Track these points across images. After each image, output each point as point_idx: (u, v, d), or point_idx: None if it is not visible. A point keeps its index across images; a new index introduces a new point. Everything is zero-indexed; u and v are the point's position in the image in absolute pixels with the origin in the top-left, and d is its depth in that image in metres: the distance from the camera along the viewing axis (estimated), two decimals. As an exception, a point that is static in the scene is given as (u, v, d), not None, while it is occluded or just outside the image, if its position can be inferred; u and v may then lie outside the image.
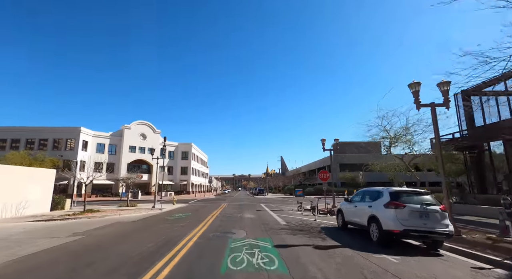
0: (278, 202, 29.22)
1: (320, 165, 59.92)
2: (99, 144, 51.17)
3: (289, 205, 23.76)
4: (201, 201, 30.21)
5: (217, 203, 25.45)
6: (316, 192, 45.95)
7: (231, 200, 32.26)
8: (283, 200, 31.63)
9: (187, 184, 63.98)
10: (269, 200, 31.37)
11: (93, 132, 50.04)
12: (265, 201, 30.41)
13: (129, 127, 55.21)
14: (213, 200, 33.67)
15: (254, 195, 51.53)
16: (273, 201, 30.64)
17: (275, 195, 51.98)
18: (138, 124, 56.92)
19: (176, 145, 65.03)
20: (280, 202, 28.79)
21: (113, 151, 53.26)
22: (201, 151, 79.70)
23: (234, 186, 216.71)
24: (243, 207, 20.81)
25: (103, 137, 51.75)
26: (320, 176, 18.95)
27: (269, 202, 28.49)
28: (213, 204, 24.92)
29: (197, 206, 22.49)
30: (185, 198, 42.17)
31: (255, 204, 24.35)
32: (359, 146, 54.54)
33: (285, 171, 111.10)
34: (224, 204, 24.66)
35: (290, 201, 28.51)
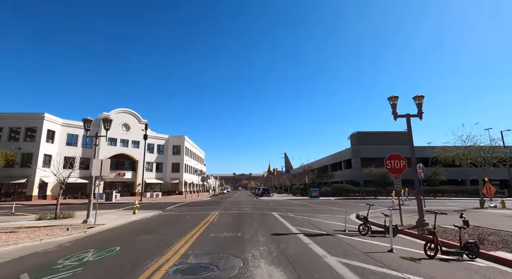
0: (295, 207, 20.03)
1: (334, 160, 51.15)
2: (71, 135, 42.55)
3: (319, 213, 15.10)
4: (185, 206, 21.60)
5: (205, 211, 16.39)
6: (334, 192, 37.24)
7: (228, 204, 23.40)
8: (301, 204, 22.32)
9: (179, 183, 55.34)
10: (280, 204, 22.14)
11: (62, 120, 41.40)
12: (276, 206, 20.67)
13: (109, 116, 46.39)
14: (204, 203, 24.97)
15: (257, 196, 42.78)
16: (288, 206, 21.03)
17: (282, 196, 43.26)
18: (119, 113, 48.25)
19: (167, 138, 56.35)
20: (299, 209, 18.65)
21: (89, 144, 44.55)
22: (197, 146, 70.99)
23: (234, 185, 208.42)
24: (244, 221, 11.74)
25: (76, 126, 43.07)
26: (391, 165, 10.42)
27: (282, 208, 18.69)
28: (199, 213, 15.63)
29: (169, 218, 13.29)
30: (170, 200, 33.51)
31: (264, 214, 15.00)
32: (384, 137, 45.86)
33: (290, 169, 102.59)
34: (215, 212, 15.62)
35: (313, 207, 19.78)
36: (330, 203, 24.23)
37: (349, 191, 37.20)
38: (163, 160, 55.20)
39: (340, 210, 17.02)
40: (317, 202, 25.32)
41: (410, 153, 11.36)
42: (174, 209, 17.96)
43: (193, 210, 17.00)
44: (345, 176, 44.74)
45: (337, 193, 37.19)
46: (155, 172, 53.70)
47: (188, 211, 16.36)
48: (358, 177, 40.92)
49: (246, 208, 17.96)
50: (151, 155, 53.27)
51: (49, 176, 39.40)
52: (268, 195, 40.69)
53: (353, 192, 37.28)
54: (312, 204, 22.99)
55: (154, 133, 54.64)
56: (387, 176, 33.27)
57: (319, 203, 24.50)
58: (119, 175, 46.93)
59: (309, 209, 17.29)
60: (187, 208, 19.26)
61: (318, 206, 20.25)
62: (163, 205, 22.57)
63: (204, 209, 18.05)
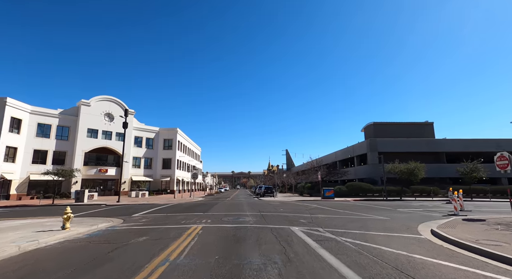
0: (318, 214, 13.50)
1: (344, 156, 45.46)
2: (42, 125, 36.59)
3: (366, 227, 9.40)
4: (162, 212, 15.70)
5: (181, 224, 10.19)
6: (350, 192, 31.60)
7: (222, 208, 16.94)
8: (322, 209, 16.09)
9: (170, 181, 49.61)
10: (295, 210, 15.64)
11: (31, 108, 35.43)
12: (290, 213, 13.87)
13: (88, 104, 40.60)
14: (191, 207, 18.86)
15: (258, 196, 37.07)
16: (306, 212, 14.37)
17: (288, 196, 37.61)
18: (101, 101, 42.30)
19: (157, 131, 50.52)
20: (327, 218, 11.90)
21: (64, 136, 38.70)
22: (191, 141, 65.16)
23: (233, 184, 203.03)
24: (249, 263, 5.12)
25: (48, 115, 37.16)
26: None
27: (303, 218, 12.01)
28: (169, 229, 9.21)
29: (76, 256, 5.89)
30: (155, 201, 27.78)
31: (282, 233, 8.39)
32: (404, 129, 40.21)
33: (291, 166, 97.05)
34: (196, 227, 9.41)
35: (342, 214, 14.05)
36: (355, 206, 18.57)
37: (367, 190, 31.61)
38: (153, 155, 49.42)
39: (385, 219, 11.41)
40: (337, 205, 19.65)
41: None
42: (138, 219, 12.04)
43: (164, 222, 10.89)
44: (359, 173, 39.16)
45: (352, 192, 31.58)
46: (144, 169, 47.92)
47: (153, 225, 10.15)
48: (375, 174, 35.36)
49: (247, 218, 12.13)
50: (139, 149, 47.48)
51: (14, 172, 33.63)
52: (272, 194, 35.00)
53: (372, 191, 31.68)
54: (333, 208, 17.28)
55: (142, 125, 48.81)
56: (414, 173, 27.68)
57: (341, 206, 18.85)
58: (100, 172, 41.07)
59: (342, 219, 11.53)
60: (161, 216, 13.31)
61: (346, 212, 14.56)
62: (134, 210, 16.77)
63: (184, 218, 12.06)
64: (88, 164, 40.61)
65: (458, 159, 38.40)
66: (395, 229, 9.01)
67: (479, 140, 36.59)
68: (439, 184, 32.90)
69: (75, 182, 37.93)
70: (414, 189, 31.23)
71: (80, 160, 38.81)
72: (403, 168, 27.83)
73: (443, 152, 36.03)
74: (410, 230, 8.93)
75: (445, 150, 36.07)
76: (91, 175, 40.58)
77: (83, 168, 39.41)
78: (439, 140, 36.66)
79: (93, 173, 40.66)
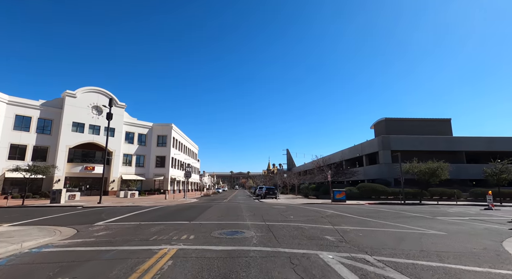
0: (345, 225, 9.69)
1: (351, 155, 42.11)
2: (21, 118, 33.19)
3: (433, 257, 6.10)
4: (144, 216, 12.37)
5: (146, 244, 6.39)
6: (361, 194, 28.27)
7: (215, 214, 13.50)
8: (342, 217, 12.46)
9: (164, 180, 46.20)
10: (311, 219, 11.75)
11: (8, 98, 32.08)
12: (308, 224, 9.93)
13: (74, 95, 37.19)
14: (178, 211, 15.04)
15: (259, 198, 33.73)
16: (328, 222, 10.45)
17: (292, 198, 34.27)
18: (89, 92, 38.89)
19: (150, 127, 47.12)
20: (360, 234, 7.97)
21: (47, 129, 35.29)
22: (188, 138, 61.76)
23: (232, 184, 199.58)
24: None
25: (29, 106, 33.76)
26: None
27: (331, 232, 8.22)
28: (121, 260, 4.97)
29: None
30: (141, 202, 24.39)
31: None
32: (418, 125, 36.92)
33: (292, 166, 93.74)
34: (164, 255, 5.33)
35: (374, 226, 10.60)
36: (378, 213, 15.17)
37: (380, 192, 28.30)
38: (146, 153, 46.02)
39: (441, 235, 8.10)
40: (356, 211, 16.24)
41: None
42: (96, 231, 8.22)
43: (126, 239, 6.80)
44: (369, 173, 35.84)
45: (364, 195, 28.26)
46: (135, 167, 44.51)
47: (106, 244, 5.79)
48: (388, 175, 32.03)
49: (249, 231, 8.28)
50: (130, 146, 44.09)
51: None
52: (274, 196, 31.60)
53: (386, 194, 28.36)
54: (355, 214, 13.84)
55: (134, 120, 45.43)
56: (436, 173, 24.36)
57: (361, 212, 15.46)
58: (87, 169, 37.66)
59: (384, 235, 7.85)
60: (131, 226, 9.36)
61: (376, 222, 11.11)
62: (106, 215, 13.34)
63: (158, 231, 8.07)
64: (73, 161, 37.20)
65: (479, 159, 35.20)
66: (481, 255, 5.70)
67: (503, 139, 33.27)
68: (459, 187, 29.63)
69: (57, 181, 34.53)
70: (433, 192, 27.93)
71: (63, 157, 35.40)
72: (424, 168, 24.50)
73: (462, 151, 32.73)
74: (502, 255, 5.64)
75: (465, 149, 32.78)
76: (76, 173, 37.19)
77: (67, 165, 36.02)
78: (458, 137, 33.40)
79: (79, 170, 37.27)
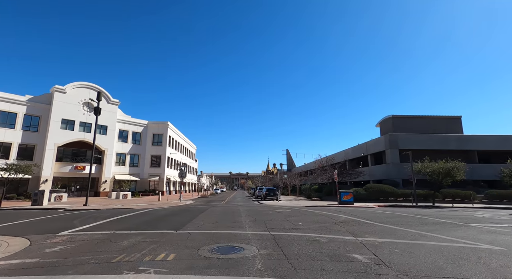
0: (387, 238, 7.02)
1: (355, 155, 40.26)
2: (6, 114, 31.27)
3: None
4: (124, 223, 10.33)
5: (99, 275, 4.04)
6: (369, 195, 26.42)
7: (208, 220, 11.03)
8: (360, 224, 9.71)
9: (160, 181, 44.21)
10: (325, 227, 9.06)
11: (-10, 92, 30.05)
12: (325, 236, 7.44)
13: (64, 90, 35.21)
14: (165, 217, 12.58)
15: (259, 200, 31.83)
16: (349, 234, 7.60)
17: (294, 200, 32.38)
18: (79, 87, 36.92)
19: (145, 125, 45.16)
20: (434, 260, 4.95)
21: (34, 126, 33.30)
22: (185, 137, 59.79)
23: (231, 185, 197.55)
24: None
25: (14, 102, 31.77)
26: None
27: (382, 261, 4.91)
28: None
29: None
30: (130, 204, 22.45)
31: None
32: (427, 123, 35.14)
33: (292, 167, 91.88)
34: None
35: (435, 239, 8.51)
36: (397, 218, 13.14)
37: (389, 194, 26.46)
38: (140, 152, 44.05)
39: (499, 251, 6.16)
40: (371, 215, 14.21)
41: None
42: (51, 246, 5.68)
43: (83, 260, 4.17)
44: (375, 173, 34.00)
45: (372, 196, 26.41)
46: (129, 167, 42.53)
47: (47, 272, 4.12)
48: (395, 175, 30.18)
49: (249, 247, 5.53)
50: (124, 144, 42.10)
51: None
52: (275, 197, 29.66)
53: (395, 195, 26.52)
54: (373, 220, 11.72)
55: (128, 117, 43.46)
56: (451, 174, 22.51)
57: (378, 217, 13.47)
58: (77, 169, 35.64)
59: (427, 252, 5.75)
60: (101, 237, 6.58)
61: (403, 230, 8.93)
62: (81, 221, 11.25)
63: (131, 246, 5.27)
64: (63, 160, 35.21)
65: (489, 158, 33.48)
66: None
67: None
68: (472, 188, 27.82)
69: (45, 181, 32.51)
70: (446, 193, 26.11)
71: (52, 155, 33.39)
72: (438, 168, 22.64)
73: (474, 150, 30.95)
74: None
75: (476, 148, 31.00)
76: (66, 172, 35.17)
77: (56, 164, 34.01)
78: (470, 136, 31.62)
79: (68, 170, 35.27)
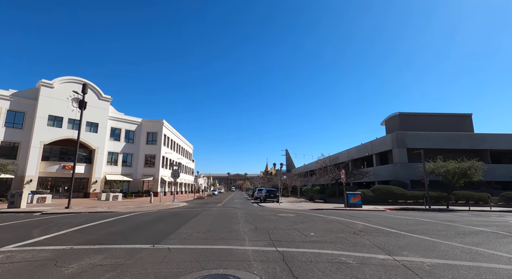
0: (429, 257, 4.97)
1: (359, 155, 38.43)
2: (-13, 109, 29.09)
3: None
4: (95, 232, 8.30)
5: None
6: (376, 197, 24.60)
7: (199, 228, 8.91)
8: (402, 236, 7.33)
9: (154, 181, 42.15)
10: (341, 234, 7.60)
11: (-29, 85, 27.85)
12: (351, 254, 5.34)
13: (51, 85, 33.19)
14: (150, 223, 10.03)
15: (258, 202, 29.93)
16: (387, 246, 6.11)
17: (295, 202, 30.51)
18: (68, 82, 34.89)
19: (139, 123, 43.14)
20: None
21: (18, 123, 31.22)
22: (181, 136, 57.78)
23: (229, 186, 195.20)
24: None
25: (-4, 96, 29.66)
26: None
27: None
28: None
29: None
30: (117, 207, 20.51)
31: None
32: (435, 121, 33.43)
33: (291, 168, 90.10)
34: None
35: (491, 260, 6.78)
36: (421, 224, 11.12)
37: (398, 196, 24.64)
38: (134, 151, 41.99)
39: None
40: (390, 222, 12.10)
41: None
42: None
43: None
44: (381, 174, 32.21)
45: (380, 198, 24.58)
46: (122, 166, 40.45)
47: None
48: (404, 176, 28.40)
49: (249, 277, 3.95)
50: (116, 143, 40.04)
51: None
52: (276, 199, 27.77)
53: (404, 197, 24.71)
54: (400, 229, 9.20)
55: (121, 115, 41.43)
56: (468, 174, 20.73)
57: (399, 223, 11.48)
58: (65, 169, 33.54)
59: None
60: (47, 255, 4.29)
61: (444, 244, 6.98)
62: (46, 230, 8.95)
63: (80, 273, 4.14)
64: (49, 159, 33.12)
65: (501, 158, 31.83)
66: None
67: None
68: (486, 189, 26.10)
69: (29, 181, 30.40)
70: (459, 195, 24.33)
71: (37, 154, 31.31)
72: (453, 168, 20.86)
73: (486, 149, 29.25)
74: None
75: (489, 147, 29.32)
76: (53, 172, 33.10)
77: (41, 163, 31.94)
78: (482, 134, 29.92)
79: (55, 170, 33.18)
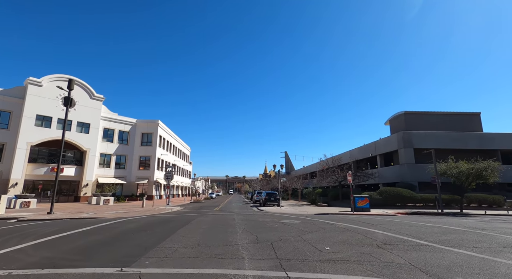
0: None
1: (362, 156, 36.96)
2: (-31, 108, 27.40)
3: None
4: (53, 247, 6.75)
5: None
6: (384, 200, 23.11)
7: (187, 240, 6.89)
8: (438, 250, 5.85)
9: (149, 184, 40.43)
10: (363, 248, 5.91)
11: (-48, 82, 26.16)
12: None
13: (39, 83, 31.58)
14: (133, 232, 7.62)
15: (257, 205, 28.33)
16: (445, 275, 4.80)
17: (297, 206, 28.93)
18: (58, 80, 33.23)
19: (133, 123, 41.53)
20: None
21: (3, 123, 29.58)
22: (178, 138, 56.14)
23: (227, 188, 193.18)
24: None
25: (-20, 94, 28.00)
26: None
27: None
28: None
29: None
30: (111, 212, 18.90)
31: None
32: (442, 120, 32.09)
33: (291, 170, 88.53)
34: None
35: None
36: (448, 233, 9.41)
37: (407, 199, 23.18)
38: (127, 153, 40.33)
39: None
40: (409, 229, 10.14)
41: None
42: None
43: None
44: (386, 176, 30.75)
45: (388, 201, 23.10)
46: (115, 169, 38.75)
47: None
48: (411, 178, 26.95)
49: None
50: (109, 144, 38.38)
51: None
52: (276, 203, 26.20)
53: (413, 200, 23.25)
54: (427, 240, 7.08)
55: (114, 115, 39.84)
56: (483, 175, 19.28)
57: (420, 231, 9.77)
58: (54, 171, 31.75)
59: None
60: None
61: (498, 262, 5.54)
62: (1, 243, 7.90)
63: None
64: (37, 161, 31.38)
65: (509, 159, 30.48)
66: None
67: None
68: (498, 192, 24.70)
69: (14, 185, 28.64)
70: (471, 198, 22.92)
71: (23, 156, 29.59)
72: (467, 169, 19.41)
73: (497, 149, 27.93)
74: None
75: (499, 147, 28.01)
76: (41, 175, 31.32)
77: (28, 165, 30.21)
78: (491, 134, 28.60)
79: (43, 172, 31.41)
